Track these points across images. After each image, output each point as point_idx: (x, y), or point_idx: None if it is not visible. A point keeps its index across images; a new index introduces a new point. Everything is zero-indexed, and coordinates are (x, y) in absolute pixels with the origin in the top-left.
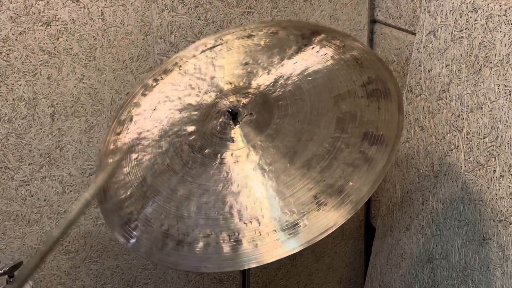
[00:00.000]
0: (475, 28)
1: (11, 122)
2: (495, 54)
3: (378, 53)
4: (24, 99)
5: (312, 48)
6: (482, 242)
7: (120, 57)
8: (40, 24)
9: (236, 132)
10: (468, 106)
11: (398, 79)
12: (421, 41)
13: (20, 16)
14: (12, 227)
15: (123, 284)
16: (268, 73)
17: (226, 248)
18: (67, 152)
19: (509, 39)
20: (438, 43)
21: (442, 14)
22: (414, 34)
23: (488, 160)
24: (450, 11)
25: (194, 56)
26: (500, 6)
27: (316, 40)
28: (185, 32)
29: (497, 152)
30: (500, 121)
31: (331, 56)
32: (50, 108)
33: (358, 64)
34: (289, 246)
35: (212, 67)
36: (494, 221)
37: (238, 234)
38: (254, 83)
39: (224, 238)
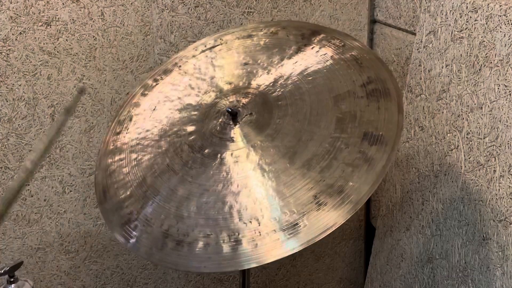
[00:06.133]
0: (475, 28)
1: (11, 122)
2: (495, 54)
3: (378, 53)
4: (24, 99)
5: (312, 48)
6: (482, 242)
7: (120, 57)
8: (40, 24)
9: (236, 132)
10: (468, 106)
11: (398, 79)
12: (421, 41)
13: (20, 16)
14: (12, 227)
15: (123, 284)
16: (268, 73)
17: (226, 248)
18: (67, 152)
19: (509, 39)
20: (438, 43)
21: (442, 14)
22: (414, 34)
23: (488, 160)
24: (450, 11)
25: (194, 56)
26: (500, 6)
27: (315, 40)
28: (185, 32)
29: (497, 152)
30: (500, 121)
31: (331, 56)
32: (50, 108)
33: (358, 64)
34: (289, 246)
35: (211, 67)
36: (494, 221)
37: (238, 234)
38: (254, 83)
39: (224, 238)
